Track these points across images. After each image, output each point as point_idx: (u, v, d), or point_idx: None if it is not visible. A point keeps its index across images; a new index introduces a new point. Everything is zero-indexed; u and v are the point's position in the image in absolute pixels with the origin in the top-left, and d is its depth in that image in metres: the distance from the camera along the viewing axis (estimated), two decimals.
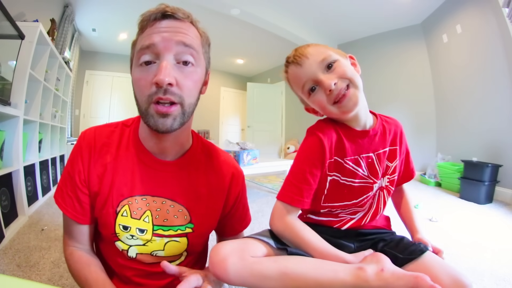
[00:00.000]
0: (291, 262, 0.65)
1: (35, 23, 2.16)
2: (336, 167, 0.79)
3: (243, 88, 7.98)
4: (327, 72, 0.73)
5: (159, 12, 0.58)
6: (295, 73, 0.77)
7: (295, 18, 4.62)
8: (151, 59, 0.57)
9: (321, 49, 0.76)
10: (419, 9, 4.13)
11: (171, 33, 0.57)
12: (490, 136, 3.25)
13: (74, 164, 0.67)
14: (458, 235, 1.88)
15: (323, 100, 0.74)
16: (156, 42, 0.56)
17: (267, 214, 2.30)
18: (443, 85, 4.09)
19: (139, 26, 0.61)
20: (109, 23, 4.75)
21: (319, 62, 0.73)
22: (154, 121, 0.58)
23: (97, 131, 0.70)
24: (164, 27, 0.58)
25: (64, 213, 0.67)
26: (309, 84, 0.75)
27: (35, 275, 1.25)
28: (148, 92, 0.57)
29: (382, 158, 0.82)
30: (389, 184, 0.84)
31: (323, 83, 0.71)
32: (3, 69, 1.81)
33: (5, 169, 1.76)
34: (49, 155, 2.85)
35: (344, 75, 0.72)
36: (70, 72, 3.74)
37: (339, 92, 0.71)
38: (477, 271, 1.37)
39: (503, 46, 2.96)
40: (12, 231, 1.70)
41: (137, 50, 0.59)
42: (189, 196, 0.71)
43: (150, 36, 0.57)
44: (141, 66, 0.58)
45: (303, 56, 0.74)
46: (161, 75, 0.54)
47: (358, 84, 0.73)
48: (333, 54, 0.75)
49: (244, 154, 2.58)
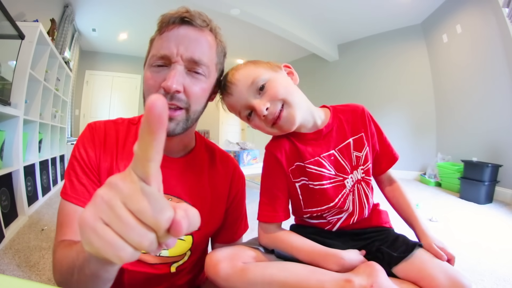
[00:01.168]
0: (278, 271, 0.67)
1: (35, 23, 2.16)
2: (300, 172, 0.79)
3: None
4: (259, 95, 0.70)
5: (178, 16, 0.59)
6: (229, 103, 0.75)
7: (295, 18, 4.62)
8: (163, 64, 0.59)
9: (250, 71, 0.72)
10: (419, 9, 4.13)
11: (187, 45, 0.58)
12: (490, 136, 3.25)
13: (84, 150, 0.64)
14: (458, 235, 1.88)
15: (261, 124, 0.73)
16: (170, 54, 0.57)
17: None
18: (443, 85, 4.09)
19: (158, 26, 0.61)
20: (109, 23, 4.74)
21: (249, 87, 0.70)
22: None
23: (107, 126, 0.69)
24: (182, 36, 0.58)
25: (80, 205, 0.59)
26: (244, 111, 0.73)
27: (35, 275, 1.25)
28: (154, 93, 0.57)
29: (347, 151, 0.80)
30: (365, 175, 0.81)
31: (256, 110, 0.69)
32: (3, 69, 1.81)
33: (5, 169, 1.76)
34: (49, 155, 2.85)
35: (276, 96, 0.69)
36: (70, 72, 3.74)
37: (273, 116, 0.69)
38: (477, 271, 1.37)
39: (503, 46, 2.96)
40: (12, 231, 1.70)
41: (151, 54, 0.60)
42: (195, 194, 0.72)
43: (165, 44, 0.58)
44: (152, 67, 0.60)
45: (232, 84, 0.71)
46: (169, 82, 0.55)
47: (293, 101, 0.71)
48: (263, 74, 0.71)
49: (244, 154, 2.58)
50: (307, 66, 6.53)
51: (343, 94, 5.42)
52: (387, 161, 0.86)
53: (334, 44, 5.58)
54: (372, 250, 0.75)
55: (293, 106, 0.70)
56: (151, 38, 0.65)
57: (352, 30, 5.02)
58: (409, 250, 0.68)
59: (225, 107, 0.77)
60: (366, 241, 0.79)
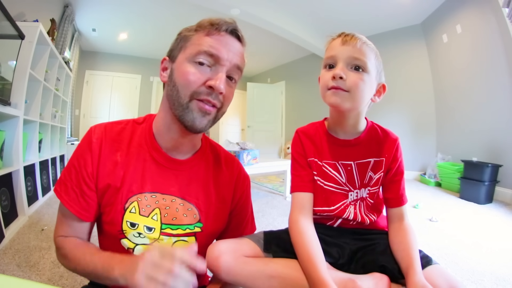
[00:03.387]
0: (281, 267, 0.68)
1: (35, 23, 2.16)
2: (316, 168, 0.82)
3: (243, 88, 7.98)
4: (350, 69, 0.72)
5: (231, 27, 0.64)
6: (333, 46, 0.77)
7: (295, 18, 4.62)
8: (207, 63, 0.61)
9: (368, 53, 0.74)
10: (419, 9, 4.13)
11: (234, 54, 0.63)
12: (490, 136, 3.26)
13: (82, 158, 0.65)
14: (458, 235, 1.88)
15: (326, 80, 0.74)
16: (222, 57, 0.61)
17: (267, 214, 2.30)
18: (443, 85, 4.10)
19: (205, 27, 0.63)
20: (109, 23, 4.75)
21: (353, 57, 0.72)
22: (193, 117, 0.61)
23: (108, 128, 0.69)
24: (231, 45, 0.63)
25: (68, 208, 0.64)
26: (330, 61, 0.75)
27: (35, 275, 1.25)
28: (195, 89, 0.60)
29: (364, 168, 0.81)
30: (368, 197, 0.82)
31: (336, 68, 0.72)
32: (3, 69, 1.81)
33: (5, 169, 1.76)
34: (49, 155, 2.85)
35: (353, 84, 0.71)
36: (70, 72, 3.74)
37: (337, 84, 0.71)
38: (477, 271, 1.37)
39: (503, 46, 2.96)
40: (12, 231, 1.70)
41: (199, 48, 0.61)
42: (199, 195, 0.72)
43: (217, 45, 0.61)
44: (194, 63, 0.61)
45: (351, 42, 0.74)
46: (220, 83, 0.60)
47: (357, 98, 0.72)
48: (371, 65, 0.73)
49: (244, 154, 2.58)
50: (307, 66, 6.54)
51: None
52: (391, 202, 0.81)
53: None
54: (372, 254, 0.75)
55: (352, 100, 0.72)
56: (185, 35, 0.65)
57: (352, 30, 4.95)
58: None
59: (329, 41, 0.80)
60: (367, 242, 0.79)
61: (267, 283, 0.66)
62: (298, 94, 6.91)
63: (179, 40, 0.66)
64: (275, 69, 7.76)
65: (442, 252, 1.58)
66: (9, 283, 0.32)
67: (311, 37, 4.98)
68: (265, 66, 7.83)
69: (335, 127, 0.82)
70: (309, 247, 0.69)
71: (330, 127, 0.84)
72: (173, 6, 4.02)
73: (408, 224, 0.76)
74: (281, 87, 7.40)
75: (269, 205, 2.58)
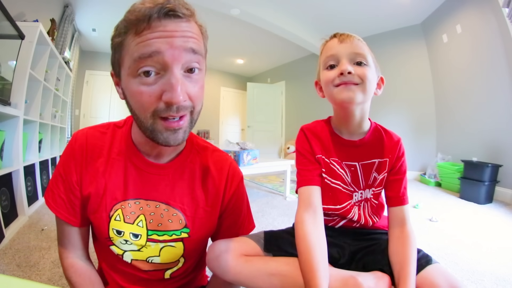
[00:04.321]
0: (282, 264, 0.69)
1: (35, 23, 2.16)
2: (324, 165, 0.81)
3: (243, 88, 7.98)
4: (354, 65, 0.73)
5: (159, 9, 0.47)
6: (331, 45, 0.78)
7: (295, 18, 4.62)
8: (155, 70, 0.50)
9: (365, 48, 0.77)
10: (419, 9, 4.13)
11: (180, 38, 0.49)
12: (490, 136, 3.25)
13: (66, 166, 0.64)
14: (458, 235, 1.88)
15: (332, 77, 0.74)
16: (163, 51, 0.48)
17: (267, 215, 2.30)
18: (443, 85, 4.09)
19: (131, 26, 0.50)
20: (109, 23, 4.73)
21: (354, 53, 0.74)
22: (164, 137, 0.54)
23: (89, 133, 0.67)
24: (169, 30, 0.48)
25: (56, 215, 0.65)
26: (331, 60, 0.76)
27: (35, 275, 1.25)
28: (153, 108, 0.51)
29: (369, 169, 0.82)
30: (372, 198, 0.83)
31: (342, 64, 0.72)
32: (3, 69, 1.81)
33: (5, 169, 1.76)
34: (49, 155, 2.85)
35: (363, 76, 0.72)
36: (70, 72, 3.74)
37: (347, 79, 0.71)
38: (478, 271, 1.37)
39: (503, 46, 2.96)
40: (12, 231, 1.70)
41: (134, 58, 0.49)
42: (184, 199, 0.68)
43: (151, 42, 0.48)
44: (139, 77, 0.50)
45: (348, 39, 0.76)
46: (176, 96, 0.49)
47: (367, 91, 0.73)
48: (370, 61, 0.76)
49: (244, 154, 2.58)
50: (307, 66, 6.53)
51: None
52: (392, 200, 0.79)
53: None
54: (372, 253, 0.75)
55: (363, 92, 0.72)
56: (118, 41, 0.54)
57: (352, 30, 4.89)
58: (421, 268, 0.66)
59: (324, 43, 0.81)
60: (368, 242, 0.79)
61: (267, 281, 0.67)
62: (298, 94, 6.91)
63: (113, 50, 0.57)
64: (275, 69, 7.75)
65: (442, 252, 1.58)
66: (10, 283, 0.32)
67: (311, 37, 4.98)
68: (265, 66, 7.82)
69: (340, 127, 0.83)
70: (311, 255, 0.65)
71: (335, 127, 0.84)
72: None
73: (409, 231, 0.72)
74: (281, 87, 7.40)
75: (269, 205, 2.58)
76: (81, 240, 0.69)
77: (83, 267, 0.67)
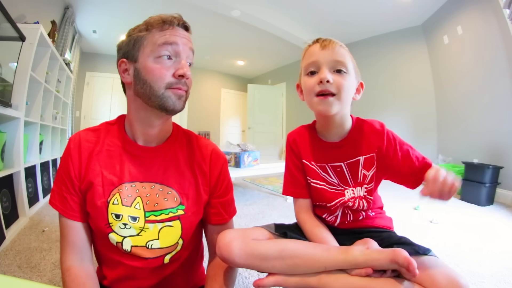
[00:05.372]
0: (289, 242, 0.73)
1: (36, 25, 2.16)
2: (307, 169, 0.88)
3: (244, 89, 7.98)
4: (333, 72, 0.76)
5: (179, 21, 0.71)
6: (313, 51, 0.81)
7: (296, 20, 4.63)
8: (171, 55, 0.68)
9: (346, 55, 0.79)
10: (420, 10, 4.13)
11: (187, 40, 0.71)
12: (491, 138, 3.25)
13: (65, 166, 0.71)
14: (459, 237, 1.88)
15: (312, 86, 0.77)
16: (179, 44, 0.69)
17: (267, 216, 2.30)
18: (444, 87, 4.09)
19: (158, 24, 0.69)
20: (109, 25, 4.76)
21: (335, 61, 0.77)
22: (173, 102, 0.69)
23: (82, 134, 0.74)
24: (183, 35, 0.71)
25: (61, 213, 0.70)
26: (312, 67, 0.79)
27: (36, 276, 1.25)
28: (166, 80, 0.67)
29: (355, 167, 0.84)
30: (367, 194, 0.84)
31: (322, 72, 0.76)
32: (4, 71, 1.81)
33: (6, 170, 1.76)
34: (50, 157, 2.85)
35: (340, 86, 0.75)
36: (70, 73, 3.75)
37: (325, 88, 0.75)
38: (478, 273, 1.37)
39: (504, 47, 2.95)
40: (13, 232, 1.70)
41: (158, 43, 0.67)
42: (176, 178, 0.75)
43: (173, 37, 0.68)
44: (159, 58, 0.68)
45: (330, 46, 0.78)
46: (187, 71, 0.69)
47: (344, 100, 0.77)
48: (350, 67, 0.78)
49: (244, 156, 2.58)
50: None
51: None
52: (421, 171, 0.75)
53: None
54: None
55: (340, 102, 0.76)
56: (138, 35, 0.70)
57: (353, 32, 5.03)
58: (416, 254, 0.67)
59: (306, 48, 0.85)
60: None
61: (279, 259, 0.69)
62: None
63: (132, 41, 0.70)
64: (275, 71, 7.75)
65: (442, 254, 1.57)
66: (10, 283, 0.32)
67: (312, 38, 4.98)
68: (265, 68, 7.83)
69: (323, 131, 0.87)
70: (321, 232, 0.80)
71: (319, 130, 0.89)
72: (173, 8, 3.99)
73: None
74: (282, 88, 7.40)
75: (270, 207, 2.58)
76: (83, 239, 0.72)
77: (79, 271, 0.68)
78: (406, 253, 0.61)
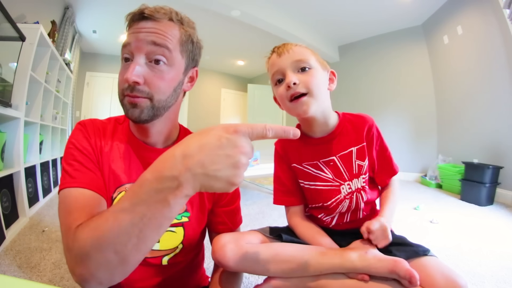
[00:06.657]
0: (283, 246, 0.73)
1: (36, 25, 2.17)
2: (298, 172, 0.88)
3: (244, 89, 7.98)
4: (298, 73, 0.77)
5: (137, 13, 0.62)
6: (273, 61, 0.81)
7: (296, 19, 4.62)
8: (129, 57, 0.62)
9: (305, 51, 0.79)
10: (420, 10, 4.13)
11: (144, 34, 0.60)
12: (491, 138, 3.25)
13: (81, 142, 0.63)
14: (459, 237, 1.88)
15: (283, 93, 0.78)
16: (131, 42, 0.61)
17: (267, 216, 2.30)
18: (444, 87, 4.09)
19: (127, 25, 0.65)
20: (109, 25, 4.75)
21: (295, 61, 0.76)
22: (127, 110, 0.62)
23: (93, 119, 0.71)
24: (140, 27, 0.61)
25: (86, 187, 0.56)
26: (277, 75, 0.80)
27: (36, 276, 1.25)
28: (122, 86, 0.61)
29: (349, 159, 0.84)
30: (365, 185, 0.85)
31: (286, 78, 0.76)
32: (4, 71, 1.82)
33: (6, 170, 1.76)
34: (50, 157, 2.85)
35: (308, 84, 0.75)
36: (70, 73, 3.75)
37: (294, 91, 0.75)
38: (478, 273, 1.37)
39: (504, 47, 2.96)
40: (13, 232, 1.70)
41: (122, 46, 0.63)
42: None
43: (129, 36, 0.62)
44: (122, 62, 0.64)
45: (285, 50, 0.78)
46: (127, 74, 0.58)
47: (317, 95, 0.76)
48: (313, 62, 0.78)
49: None
50: None
51: (344, 96, 5.41)
52: (386, 174, 0.90)
53: (335, 46, 5.59)
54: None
55: (314, 99, 0.76)
56: None
57: (353, 32, 5.03)
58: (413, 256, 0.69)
59: (266, 61, 0.85)
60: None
61: (273, 263, 0.69)
62: None
63: None
64: None
65: (442, 254, 1.57)
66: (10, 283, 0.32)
67: (312, 39, 4.98)
68: (265, 68, 7.78)
69: (309, 130, 0.87)
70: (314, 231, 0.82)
71: (305, 131, 0.88)
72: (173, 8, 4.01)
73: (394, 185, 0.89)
74: None
75: (270, 207, 2.57)
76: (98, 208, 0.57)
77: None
78: (407, 264, 0.61)
